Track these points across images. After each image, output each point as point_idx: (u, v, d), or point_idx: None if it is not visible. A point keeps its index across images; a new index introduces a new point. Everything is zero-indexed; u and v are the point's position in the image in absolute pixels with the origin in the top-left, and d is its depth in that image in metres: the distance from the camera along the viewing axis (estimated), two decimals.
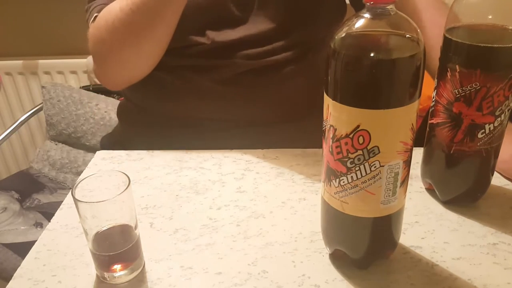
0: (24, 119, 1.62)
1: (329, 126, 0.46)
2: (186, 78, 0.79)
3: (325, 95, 0.46)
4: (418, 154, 0.65)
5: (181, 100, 0.79)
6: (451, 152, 0.59)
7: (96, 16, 0.76)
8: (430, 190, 0.66)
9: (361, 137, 0.44)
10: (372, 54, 0.43)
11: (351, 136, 0.44)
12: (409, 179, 0.50)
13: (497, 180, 0.67)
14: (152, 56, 0.76)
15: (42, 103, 1.63)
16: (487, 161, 0.59)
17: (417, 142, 0.51)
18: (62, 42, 1.71)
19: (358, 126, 0.44)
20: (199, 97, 0.79)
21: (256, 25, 0.78)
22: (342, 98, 0.44)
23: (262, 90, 0.79)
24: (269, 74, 0.79)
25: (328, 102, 0.46)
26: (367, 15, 0.43)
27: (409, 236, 0.58)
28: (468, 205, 0.63)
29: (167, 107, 0.80)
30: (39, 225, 1.27)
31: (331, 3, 0.84)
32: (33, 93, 1.75)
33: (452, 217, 0.61)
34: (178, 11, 0.71)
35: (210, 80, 0.78)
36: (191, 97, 0.79)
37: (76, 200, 0.48)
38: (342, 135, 0.45)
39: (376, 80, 0.42)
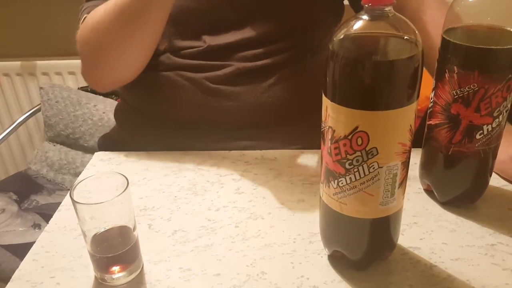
0: (22, 120, 1.62)
1: (327, 127, 0.46)
2: (182, 79, 0.79)
3: (323, 96, 0.46)
4: (416, 155, 0.65)
5: (176, 101, 0.79)
6: (449, 153, 0.59)
7: (85, 18, 0.76)
8: (428, 191, 0.66)
9: (359, 139, 0.44)
10: (370, 56, 0.43)
11: (349, 137, 0.44)
12: (408, 180, 0.50)
13: (495, 181, 0.67)
14: (138, 57, 0.76)
15: (40, 104, 1.62)
16: (485, 162, 0.60)
17: (415, 143, 0.51)
18: (60, 43, 1.70)
19: (356, 128, 0.44)
20: (195, 99, 0.79)
21: (253, 29, 0.78)
22: (341, 99, 0.44)
23: (259, 92, 0.79)
24: (266, 75, 0.79)
25: (326, 103, 0.46)
26: (365, 17, 0.43)
27: (407, 237, 0.58)
28: (466, 206, 0.63)
29: (162, 109, 0.80)
30: (38, 227, 1.27)
31: (329, 7, 0.84)
32: (31, 94, 1.74)
33: (450, 218, 0.61)
34: (162, 15, 0.70)
35: (205, 81, 0.78)
36: (186, 99, 0.79)
37: (74, 202, 0.48)
38: (340, 136, 0.45)
39: (375, 81, 0.42)
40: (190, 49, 0.78)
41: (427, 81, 0.59)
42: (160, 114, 0.76)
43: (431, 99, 0.60)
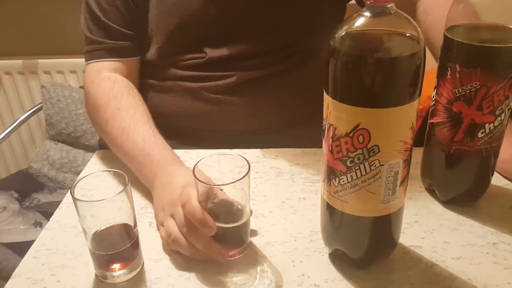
0: (24, 118, 1.61)
1: (329, 125, 0.46)
2: (181, 89, 0.79)
3: (325, 94, 0.46)
4: (418, 154, 0.64)
5: (175, 111, 0.80)
6: (451, 151, 0.59)
7: (94, 64, 0.79)
8: (430, 190, 0.66)
9: (361, 136, 0.44)
10: (372, 53, 0.43)
11: (351, 135, 0.44)
12: (409, 179, 0.50)
13: (497, 180, 0.67)
14: None
15: (41, 102, 1.62)
16: (487, 161, 0.59)
17: (417, 143, 0.51)
18: (62, 41, 1.70)
19: (358, 125, 0.43)
20: (194, 109, 0.79)
21: (253, 39, 0.78)
22: (342, 97, 0.44)
23: (261, 100, 0.79)
24: (267, 84, 0.79)
25: (328, 101, 0.45)
26: (367, 14, 0.43)
27: (409, 235, 0.58)
28: (468, 205, 0.62)
29: (163, 117, 0.79)
30: (39, 225, 1.27)
31: (330, 14, 0.83)
32: (32, 92, 1.74)
33: (452, 217, 0.61)
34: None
35: (204, 91, 0.78)
36: (186, 108, 0.79)
37: (75, 199, 0.48)
38: (342, 134, 0.45)
39: (376, 79, 0.42)
40: (190, 60, 0.78)
41: (429, 81, 0.58)
42: (160, 122, 0.76)
43: (433, 97, 0.59)
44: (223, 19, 0.77)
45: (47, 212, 1.32)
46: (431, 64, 0.60)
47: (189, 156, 0.75)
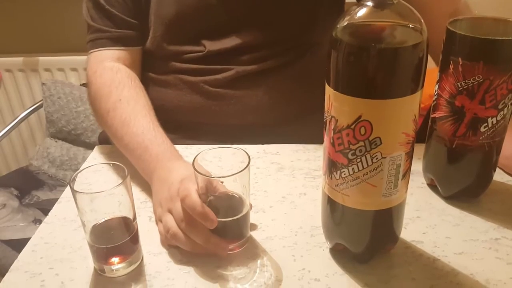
0: (24, 116, 1.61)
1: (330, 117, 0.46)
2: (181, 83, 0.79)
3: (326, 85, 0.46)
4: (419, 150, 0.64)
5: (175, 104, 0.79)
6: (453, 146, 0.58)
7: (94, 50, 0.78)
8: (432, 185, 0.65)
9: (362, 128, 0.43)
10: (374, 43, 0.42)
11: (352, 127, 0.44)
12: (411, 174, 0.49)
13: (499, 175, 0.66)
14: None
15: (42, 100, 1.62)
16: (489, 156, 0.59)
17: (418, 141, 0.51)
18: (62, 39, 1.70)
19: (359, 117, 0.43)
20: (194, 102, 0.79)
21: (251, 33, 0.78)
22: (344, 88, 0.43)
23: (260, 94, 0.78)
24: (266, 77, 0.78)
25: (329, 92, 0.45)
26: (369, 4, 0.43)
27: (410, 231, 0.57)
28: (470, 201, 0.62)
29: (162, 111, 0.79)
30: (38, 222, 1.27)
31: (329, 8, 0.82)
32: (33, 90, 1.74)
33: (453, 212, 0.61)
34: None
35: (204, 84, 0.78)
36: (186, 102, 0.79)
37: (74, 192, 0.48)
38: (343, 126, 0.44)
39: (378, 69, 0.42)
40: (190, 53, 0.78)
41: (430, 79, 0.58)
42: (160, 116, 0.76)
43: (435, 91, 0.59)
44: (222, 12, 0.77)
45: (47, 209, 1.30)
46: (432, 64, 0.59)
47: (190, 151, 0.75)
